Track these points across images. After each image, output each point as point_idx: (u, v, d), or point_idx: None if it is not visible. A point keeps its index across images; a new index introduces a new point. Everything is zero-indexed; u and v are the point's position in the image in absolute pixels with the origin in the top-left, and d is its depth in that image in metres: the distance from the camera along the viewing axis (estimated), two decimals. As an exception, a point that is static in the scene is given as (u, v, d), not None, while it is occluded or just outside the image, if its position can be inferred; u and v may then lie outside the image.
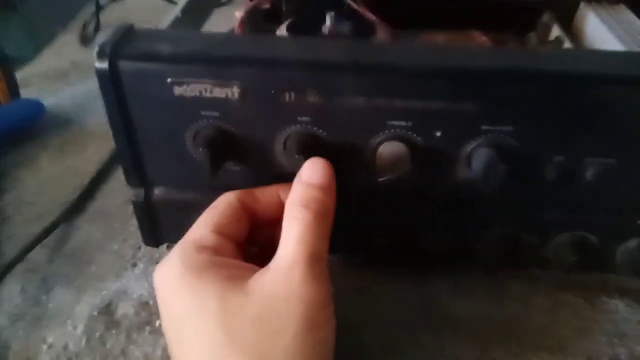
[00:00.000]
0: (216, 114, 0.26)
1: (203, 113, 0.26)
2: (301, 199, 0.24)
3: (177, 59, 0.25)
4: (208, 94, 0.25)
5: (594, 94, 0.25)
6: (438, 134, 0.26)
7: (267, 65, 0.25)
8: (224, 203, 0.26)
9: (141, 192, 0.30)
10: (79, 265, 0.34)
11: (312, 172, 0.25)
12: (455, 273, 0.32)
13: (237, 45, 0.28)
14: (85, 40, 0.56)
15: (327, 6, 0.49)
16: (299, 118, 0.26)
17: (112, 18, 0.63)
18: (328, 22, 0.48)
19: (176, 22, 0.33)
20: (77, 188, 0.39)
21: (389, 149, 0.26)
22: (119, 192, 0.38)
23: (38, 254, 0.34)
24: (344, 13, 0.49)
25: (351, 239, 0.29)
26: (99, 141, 0.43)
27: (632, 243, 0.29)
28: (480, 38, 0.51)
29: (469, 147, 0.26)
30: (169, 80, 0.25)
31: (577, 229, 0.29)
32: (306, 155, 0.26)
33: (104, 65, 0.25)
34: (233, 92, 0.25)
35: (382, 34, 0.47)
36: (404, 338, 0.29)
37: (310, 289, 0.21)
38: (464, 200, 0.28)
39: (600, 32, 0.46)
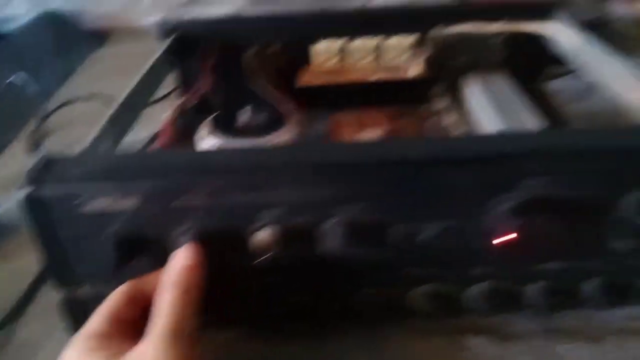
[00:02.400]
0: (122, 219, 0.32)
1: (112, 220, 0.32)
2: (168, 278, 0.29)
3: (85, 180, 0.31)
4: (112, 207, 0.32)
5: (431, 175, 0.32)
6: (300, 219, 0.32)
7: (158, 178, 0.32)
8: (116, 292, 0.31)
9: (66, 291, 0.35)
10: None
11: (181, 254, 0.31)
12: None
13: (130, 164, 0.34)
14: (33, 148, 0.62)
15: (245, 101, 0.57)
16: (187, 218, 0.32)
17: (61, 122, 0.69)
18: (245, 116, 0.56)
19: (99, 138, 0.40)
20: (18, 294, 0.44)
21: (262, 234, 0.33)
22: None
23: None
24: (260, 106, 0.57)
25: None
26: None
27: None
28: (376, 114, 0.59)
29: (326, 226, 0.32)
30: (78, 200, 0.31)
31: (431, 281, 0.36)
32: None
33: (28, 196, 0.31)
34: (132, 202, 0.31)
35: (292, 120, 0.55)
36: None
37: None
38: (334, 267, 0.35)
39: (480, 102, 0.54)
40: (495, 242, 0.32)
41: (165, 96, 0.63)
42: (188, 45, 0.59)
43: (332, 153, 0.34)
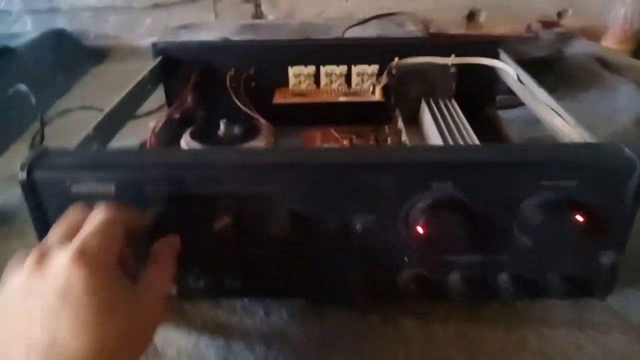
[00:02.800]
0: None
1: (93, 203, 0.38)
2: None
3: (73, 168, 0.38)
4: (94, 190, 0.38)
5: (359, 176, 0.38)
6: (252, 209, 0.39)
7: (132, 168, 0.38)
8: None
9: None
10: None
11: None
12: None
13: (109, 157, 0.41)
14: (34, 149, 0.68)
15: (224, 116, 0.64)
16: (157, 203, 0.39)
17: (58, 129, 0.76)
18: (222, 127, 0.63)
19: (86, 140, 0.46)
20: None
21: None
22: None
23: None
24: (236, 118, 0.64)
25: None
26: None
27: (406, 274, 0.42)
28: (342, 131, 0.66)
29: (270, 217, 0.39)
30: (67, 182, 0.38)
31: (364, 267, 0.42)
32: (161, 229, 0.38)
33: (23, 176, 0.38)
34: (110, 188, 0.38)
35: (265, 132, 0.62)
36: None
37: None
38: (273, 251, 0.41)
39: (429, 124, 0.61)
40: (410, 235, 0.39)
41: (153, 111, 0.70)
42: (173, 66, 0.67)
43: (277, 157, 0.41)
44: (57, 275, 0.29)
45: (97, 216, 0.34)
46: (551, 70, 0.85)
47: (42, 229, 0.39)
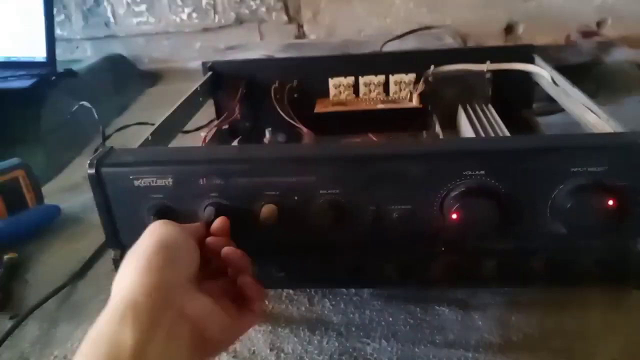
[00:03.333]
0: (160, 195, 0.42)
1: (152, 195, 0.42)
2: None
3: (135, 165, 0.42)
4: (154, 184, 0.42)
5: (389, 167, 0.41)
6: (295, 197, 0.42)
7: (188, 164, 0.42)
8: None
9: (118, 252, 0.46)
10: (78, 310, 0.49)
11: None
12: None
13: (168, 154, 0.45)
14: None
15: (269, 126, 0.68)
16: (210, 194, 0.42)
17: (117, 143, 0.82)
18: (267, 135, 0.67)
19: (145, 142, 0.51)
20: (80, 262, 0.55)
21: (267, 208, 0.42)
22: (109, 262, 0.54)
23: (49, 305, 0.49)
24: (280, 127, 0.68)
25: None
26: (99, 232, 0.59)
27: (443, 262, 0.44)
28: (381, 138, 0.69)
29: (312, 206, 0.42)
30: (130, 177, 0.42)
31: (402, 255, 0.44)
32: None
33: (92, 171, 0.42)
34: (168, 181, 0.42)
35: (307, 140, 0.65)
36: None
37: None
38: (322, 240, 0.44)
39: (466, 128, 0.63)
40: (445, 222, 0.41)
41: (204, 126, 0.75)
42: (221, 81, 0.71)
43: (318, 150, 0.44)
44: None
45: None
46: (591, 77, 0.85)
47: (108, 221, 0.44)
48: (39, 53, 0.92)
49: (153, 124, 0.69)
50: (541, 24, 1.07)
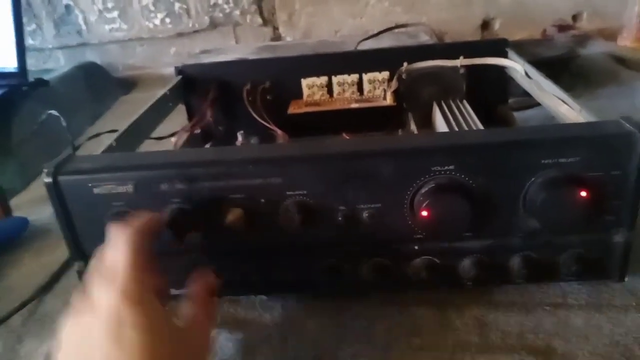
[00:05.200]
0: (121, 202, 0.41)
1: (113, 203, 0.41)
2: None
3: (94, 172, 0.41)
4: (114, 191, 0.40)
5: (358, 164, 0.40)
6: (262, 200, 0.41)
7: (148, 169, 0.41)
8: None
9: (82, 264, 0.44)
10: (44, 325, 0.47)
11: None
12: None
13: (127, 159, 0.43)
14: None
15: (241, 128, 0.67)
16: (173, 199, 0.41)
17: (89, 152, 0.80)
18: (239, 138, 0.66)
19: (109, 149, 0.49)
20: (48, 276, 0.53)
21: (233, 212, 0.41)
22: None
23: (15, 320, 0.47)
24: (254, 130, 0.67)
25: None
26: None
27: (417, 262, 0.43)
28: (356, 137, 0.68)
29: (279, 208, 0.40)
30: (89, 184, 0.40)
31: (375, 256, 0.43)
32: (176, 226, 0.40)
33: (49, 180, 0.40)
34: (129, 188, 0.40)
35: (280, 141, 0.64)
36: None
37: None
38: (292, 242, 0.42)
39: (442, 125, 0.62)
40: (415, 220, 0.40)
41: (177, 132, 0.73)
42: (193, 84, 0.70)
43: (282, 150, 0.42)
44: (108, 315, 0.31)
45: (118, 241, 0.35)
46: (567, 70, 0.85)
47: (68, 229, 0.42)
48: (9, 63, 0.90)
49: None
50: (517, 20, 1.07)
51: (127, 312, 0.31)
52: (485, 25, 1.08)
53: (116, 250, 0.35)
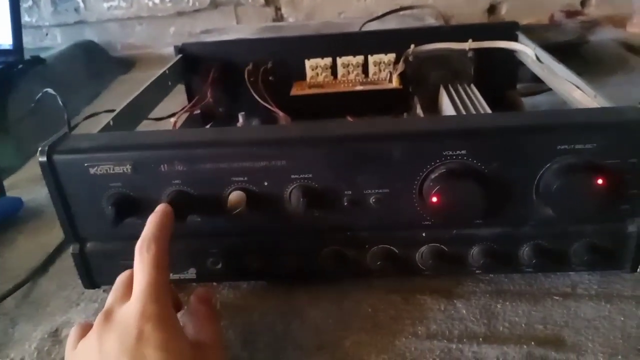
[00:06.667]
0: (119, 183, 0.39)
1: (110, 184, 0.39)
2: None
3: (90, 151, 0.39)
4: (111, 171, 0.39)
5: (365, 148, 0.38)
6: (265, 183, 0.39)
7: (147, 149, 0.39)
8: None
9: (77, 246, 0.43)
10: (38, 307, 0.46)
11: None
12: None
13: (126, 138, 0.42)
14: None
15: (243, 109, 0.65)
16: (172, 181, 0.39)
17: (83, 131, 0.78)
18: (240, 120, 0.64)
19: (106, 128, 0.47)
20: (43, 257, 0.52)
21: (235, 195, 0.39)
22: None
23: (8, 303, 0.46)
24: (255, 112, 0.65)
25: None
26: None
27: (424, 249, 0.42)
28: (360, 120, 0.66)
29: (286, 191, 0.39)
30: (85, 164, 0.39)
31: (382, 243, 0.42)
32: (177, 207, 0.39)
33: (43, 158, 0.39)
34: (127, 168, 0.39)
35: (282, 123, 0.62)
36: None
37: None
38: (298, 228, 0.41)
39: (449, 109, 0.60)
40: (425, 206, 0.38)
41: (176, 113, 0.72)
42: (193, 64, 0.68)
43: (288, 132, 0.41)
44: (128, 329, 0.31)
45: (142, 261, 0.34)
46: (576, 55, 0.83)
47: (63, 210, 0.41)
48: (4, 40, 0.88)
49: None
50: (525, 4, 1.04)
51: (150, 331, 0.31)
52: (492, 9, 1.06)
53: (139, 272, 0.34)
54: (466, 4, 1.04)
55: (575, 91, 0.49)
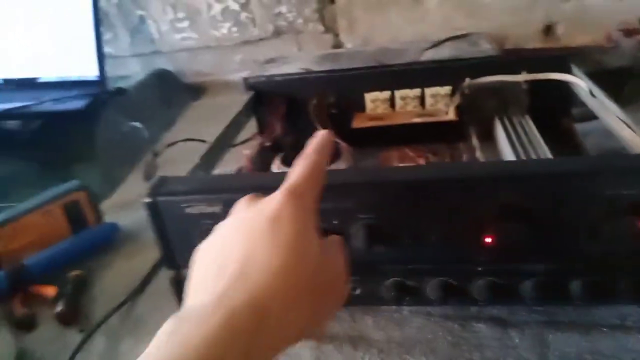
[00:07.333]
0: (211, 221, 0.46)
1: (203, 221, 0.46)
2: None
3: (186, 193, 0.46)
4: (204, 211, 0.45)
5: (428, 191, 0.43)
6: (334, 222, 0.44)
7: (234, 192, 0.45)
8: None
9: (174, 273, 0.49)
10: (139, 325, 0.53)
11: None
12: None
13: (217, 182, 0.48)
14: (148, 177, 0.79)
15: (308, 140, 0.70)
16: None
17: (168, 158, 0.87)
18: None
19: (195, 168, 0.54)
20: (138, 278, 0.59)
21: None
22: (165, 279, 0.58)
23: (113, 320, 0.54)
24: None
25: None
26: (154, 249, 0.63)
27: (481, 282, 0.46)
28: (419, 151, 0.71)
29: (350, 229, 0.44)
30: (182, 205, 0.45)
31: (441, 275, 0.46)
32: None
33: (149, 200, 0.46)
34: (218, 208, 0.45)
35: (346, 155, 0.68)
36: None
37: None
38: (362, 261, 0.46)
39: (503, 140, 0.64)
40: (481, 244, 0.42)
41: (246, 140, 0.79)
42: (262, 98, 0.75)
43: (355, 176, 0.46)
44: (270, 205, 0.32)
45: (306, 161, 0.36)
46: (633, 80, 0.83)
47: (164, 244, 0.47)
48: (90, 72, 0.97)
49: (200, 140, 0.72)
50: (581, 24, 1.05)
51: (287, 204, 0.32)
52: (548, 29, 1.07)
53: (293, 173, 0.35)
54: (521, 26, 1.06)
55: (625, 130, 0.52)
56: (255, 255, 0.30)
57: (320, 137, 0.39)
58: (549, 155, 0.56)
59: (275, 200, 0.33)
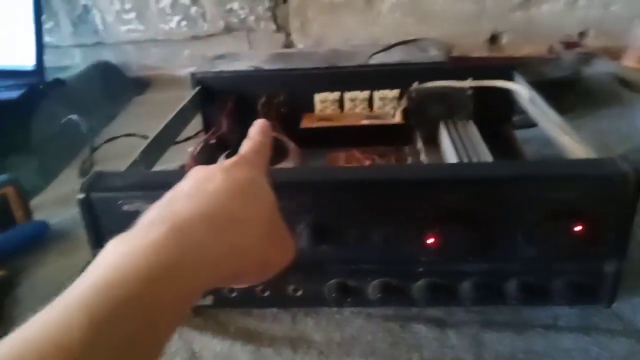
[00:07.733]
0: (147, 219, 0.44)
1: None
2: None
3: (123, 189, 0.44)
4: (142, 208, 0.43)
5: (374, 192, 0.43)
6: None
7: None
8: None
9: (107, 272, 0.47)
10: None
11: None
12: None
13: (156, 178, 0.46)
14: (83, 173, 0.75)
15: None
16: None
17: (107, 154, 0.83)
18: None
19: (133, 164, 0.52)
20: (72, 277, 0.56)
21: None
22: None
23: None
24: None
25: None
26: (87, 247, 0.60)
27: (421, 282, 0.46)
28: (365, 152, 0.71)
29: (298, 227, 0.44)
30: (119, 202, 0.43)
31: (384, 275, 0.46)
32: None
33: (82, 195, 0.43)
34: (155, 205, 0.43)
35: (294, 154, 0.67)
36: (275, 356, 0.45)
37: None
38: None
39: (447, 144, 0.65)
40: (422, 245, 0.43)
41: (191, 137, 0.77)
42: (210, 95, 0.73)
43: (301, 175, 0.45)
44: (225, 162, 0.36)
45: (252, 140, 0.40)
46: (572, 90, 0.87)
47: (97, 243, 0.45)
48: (27, 61, 0.92)
49: (142, 136, 0.70)
50: (524, 35, 1.09)
51: (243, 162, 0.36)
52: (493, 39, 1.11)
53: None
54: (468, 35, 1.09)
55: (563, 136, 0.53)
56: (199, 187, 0.33)
57: (259, 123, 0.42)
58: (490, 159, 0.58)
59: (229, 160, 0.36)
